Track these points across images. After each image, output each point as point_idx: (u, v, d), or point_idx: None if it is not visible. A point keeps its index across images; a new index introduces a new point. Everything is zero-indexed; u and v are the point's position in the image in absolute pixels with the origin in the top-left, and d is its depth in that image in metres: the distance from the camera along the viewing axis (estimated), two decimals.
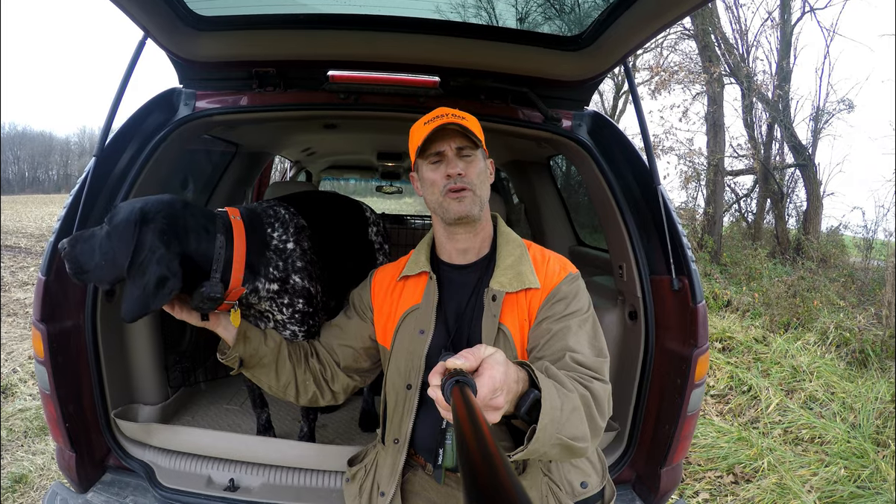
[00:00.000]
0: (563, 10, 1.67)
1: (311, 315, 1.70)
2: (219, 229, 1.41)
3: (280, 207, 1.71)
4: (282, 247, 1.61)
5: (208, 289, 1.32)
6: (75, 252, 1.30)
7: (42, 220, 16.52)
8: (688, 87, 11.40)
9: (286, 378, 1.39)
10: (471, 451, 0.52)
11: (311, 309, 1.69)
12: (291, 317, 1.63)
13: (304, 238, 1.69)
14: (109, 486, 1.72)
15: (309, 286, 1.66)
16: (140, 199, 1.33)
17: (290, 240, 1.64)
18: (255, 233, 1.56)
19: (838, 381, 4.33)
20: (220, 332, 1.37)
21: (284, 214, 1.68)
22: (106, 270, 1.29)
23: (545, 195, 3.17)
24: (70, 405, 1.63)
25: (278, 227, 1.64)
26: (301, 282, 1.63)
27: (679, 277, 1.67)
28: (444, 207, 1.25)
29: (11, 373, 4.22)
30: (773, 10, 10.19)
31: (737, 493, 3.07)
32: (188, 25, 1.61)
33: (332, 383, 1.44)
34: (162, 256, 1.24)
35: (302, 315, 1.66)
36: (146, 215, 1.28)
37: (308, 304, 1.67)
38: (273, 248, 1.60)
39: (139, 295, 1.21)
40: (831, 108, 9.98)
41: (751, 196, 11.37)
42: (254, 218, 1.59)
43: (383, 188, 6.29)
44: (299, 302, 1.64)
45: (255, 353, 1.37)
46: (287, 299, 1.62)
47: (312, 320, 1.70)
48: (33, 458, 3.02)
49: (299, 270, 1.63)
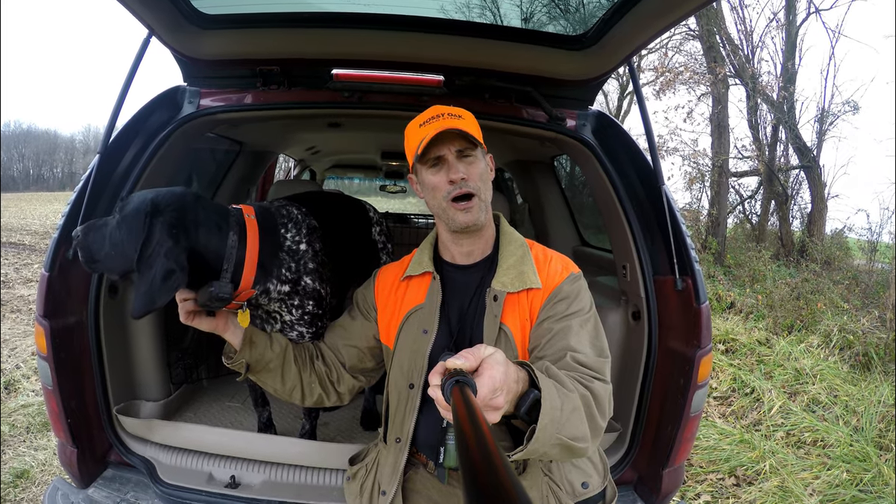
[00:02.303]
0: (568, 9, 1.67)
1: (321, 317, 1.67)
2: (232, 227, 1.38)
3: (293, 208, 1.68)
4: (295, 248, 1.58)
5: (217, 289, 1.29)
6: (87, 240, 1.28)
7: (46, 218, 16.61)
8: (692, 88, 11.37)
9: (292, 382, 1.38)
10: (471, 451, 0.52)
11: (321, 311, 1.67)
12: (300, 318, 1.61)
13: (315, 239, 1.67)
14: (111, 482, 1.73)
15: (320, 288, 1.64)
16: (152, 191, 1.31)
17: (303, 241, 1.61)
18: (269, 233, 1.52)
19: (841, 385, 4.32)
20: (227, 336, 1.35)
21: (297, 215, 1.65)
22: (116, 261, 1.27)
23: (549, 195, 3.16)
24: (72, 401, 1.63)
25: (291, 227, 1.61)
26: (312, 283, 1.61)
27: (683, 278, 1.67)
28: (450, 217, 1.24)
29: (14, 368, 4.24)
30: (778, 10, 10.16)
31: (738, 495, 3.06)
32: (193, 23, 1.62)
33: (338, 385, 1.43)
34: (170, 250, 1.22)
35: (311, 317, 1.64)
36: (157, 207, 1.25)
37: (318, 305, 1.65)
38: (286, 249, 1.57)
39: (146, 290, 1.20)
40: (836, 110, 9.92)
41: (755, 198, 11.32)
42: (267, 217, 1.56)
43: (387, 187, 6.31)
44: (309, 304, 1.62)
45: (260, 358, 1.35)
46: (297, 301, 1.59)
47: (321, 322, 1.68)
48: (35, 454, 3.03)
49: (311, 272, 1.61)
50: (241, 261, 1.37)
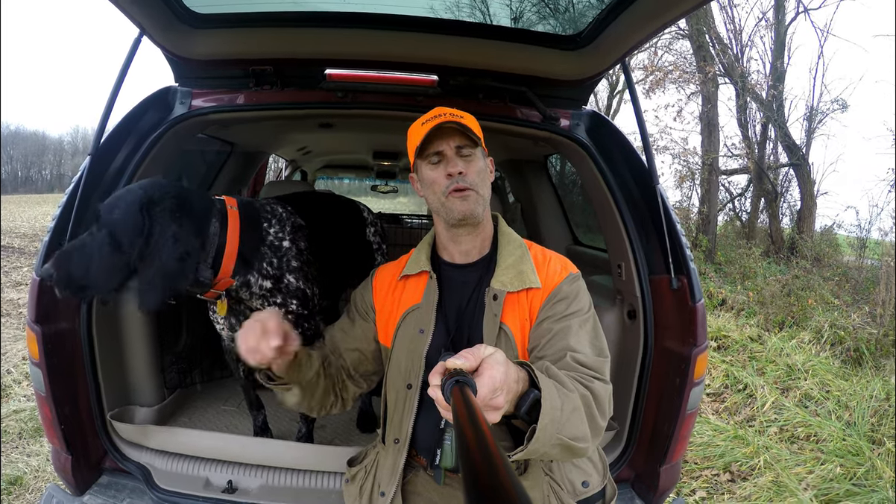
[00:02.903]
0: (563, 9, 1.67)
1: (307, 318, 1.67)
2: (214, 214, 1.42)
3: (277, 205, 1.70)
4: (277, 244, 1.60)
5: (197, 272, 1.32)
6: (67, 269, 1.24)
7: (35, 220, 16.41)
8: (682, 87, 11.43)
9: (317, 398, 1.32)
10: (471, 452, 0.52)
11: (307, 311, 1.66)
12: (284, 318, 1.59)
13: (301, 238, 1.68)
14: (106, 489, 1.71)
15: (304, 287, 1.64)
16: (134, 186, 1.30)
17: (287, 238, 1.63)
18: (251, 225, 1.55)
19: (833, 380, 4.36)
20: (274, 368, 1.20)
21: (282, 212, 1.68)
22: (109, 274, 1.24)
23: (542, 194, 3.17)
24: (66, 407, 1.61)
25: (275, 223, 1.63)
26: (296, 282, 1.61)
27: (678, 276, 1.67)
28: (448, 208, 1.24)
29: (6, 373, 4.18)
30: (767, 10, 10.24)
31: (733, 491, 3.08)
32: (184, 23, 1.60)
33: (343, 392, 1.39)
34: (177, 233, 1.24)
35: (296, 317, 1.64)
36: (151, 198, 1.26)
37: (303, 305, 1.64)
38: (268, 244, 1.59)
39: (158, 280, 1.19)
40: (825, 108, 10.00)
41: (745, 195, 11.41)
42: (250, 211, 1.58)
43: (378, 187, 6.28)
44: (293, 303, 1.62)
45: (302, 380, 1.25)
46: (280, 299, 1.60)
47: (308, 323, 1.67)
48: (28, 460, 2.99)
49: (294, 270, 1.61)
50: (222, 248, 1.41)
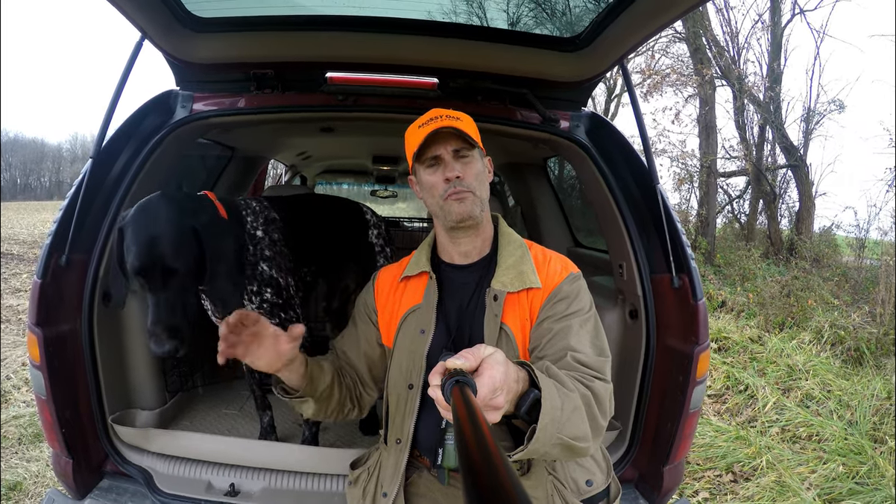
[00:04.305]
0: (561, 11, 1.68)
1: (283, 308, 1.77)
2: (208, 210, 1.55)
3: (252, 201, 1.83)
4: (252, 233, 1.73)
5: None
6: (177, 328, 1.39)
7: (34, 227, 16.42)
8: (679, 90, 11.48)
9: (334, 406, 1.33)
10: (471, 452, 0.51)
11: (282, 301, 1.76)
12: (259, 306, 1.71)
13: (274, 230, 1.79)
14: (107, 493, 1.70)
15: (277, 276, 1.74)
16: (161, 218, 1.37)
17: (259, 228, 1.75)
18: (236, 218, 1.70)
19: (834, 379, 4.36)
20: (282, 374, 1.22)
21: (256, 206, 1.80)
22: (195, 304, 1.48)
23: (541, 197, 3.17)
24: (66, 410, 1.61)
25: (249, 214, 1.76)
26: (269, 270, 1.72)
27: (679, 275, 1.68)
28: (446, 210, 1.24)
29: (5, 379, 4.17)
30: (763, 12, 10.30)
31: (736, 491, 3.07)
32: (186, 27, 1.60)
33: (360, 399, 1.39)
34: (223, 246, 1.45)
35: (271, 306, 1.73)
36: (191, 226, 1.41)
37: (277, 294, 1.74)
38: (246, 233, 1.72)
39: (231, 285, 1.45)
40: (822, 109, 10.03)
41: (743, 197, 11.43)
42: (232, 206, 1.71)
43: (378, 192, 6.27)
44: (267, 291, 1.72)
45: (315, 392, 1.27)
46: (256, 287, 1.71)
47: (284, 314, 1.77)
48: (28, 465, 2.98)
49: (267, 259, 1.73)
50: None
